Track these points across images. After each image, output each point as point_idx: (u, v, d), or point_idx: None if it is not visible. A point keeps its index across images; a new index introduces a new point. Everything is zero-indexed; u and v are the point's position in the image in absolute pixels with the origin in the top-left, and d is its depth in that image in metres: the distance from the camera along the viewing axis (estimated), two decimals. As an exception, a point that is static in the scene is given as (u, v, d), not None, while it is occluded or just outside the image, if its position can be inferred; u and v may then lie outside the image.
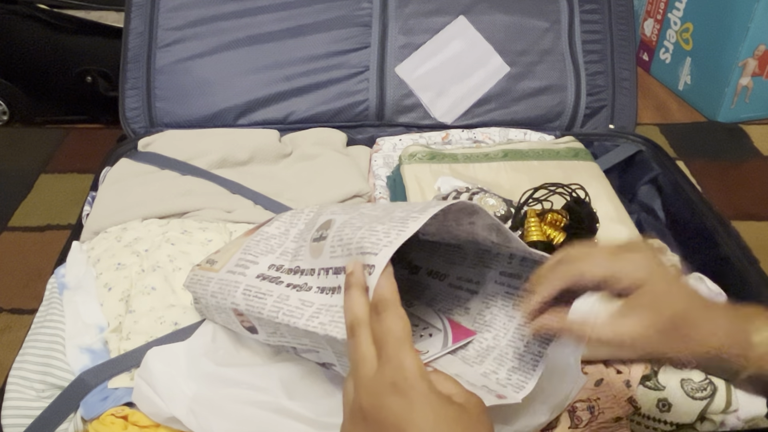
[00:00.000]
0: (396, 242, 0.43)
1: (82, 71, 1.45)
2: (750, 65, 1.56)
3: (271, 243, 0.59)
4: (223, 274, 0.59)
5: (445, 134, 1.02)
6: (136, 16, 1.04)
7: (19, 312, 1.10)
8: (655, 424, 0.64)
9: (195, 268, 0.65)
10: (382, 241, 0.44)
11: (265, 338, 0.56)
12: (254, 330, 0.56)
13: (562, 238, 0.75)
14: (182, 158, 0.93)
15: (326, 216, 0.54)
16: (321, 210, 0.58)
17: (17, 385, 0.64)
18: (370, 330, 0.42)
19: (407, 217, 0.45)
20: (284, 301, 0.51)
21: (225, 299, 0.57)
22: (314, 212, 0.59)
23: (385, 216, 0.47)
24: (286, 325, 0.50)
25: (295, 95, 1.04)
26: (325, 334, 0.46)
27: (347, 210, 0.53)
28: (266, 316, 0.52)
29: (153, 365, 0.60)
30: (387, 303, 0.42)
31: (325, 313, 0.47)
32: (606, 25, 1.09)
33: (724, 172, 1.45)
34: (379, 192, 0.92)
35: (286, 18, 1.05)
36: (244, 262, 0.58)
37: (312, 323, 0.47)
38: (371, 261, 0.43)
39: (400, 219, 0.45)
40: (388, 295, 0.42)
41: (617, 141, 1.06)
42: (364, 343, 0.42)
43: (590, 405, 0.61)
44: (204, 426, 0.56)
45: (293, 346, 0.54)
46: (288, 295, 0.51)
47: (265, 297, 0.53)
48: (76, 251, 0.78)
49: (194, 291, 0.62)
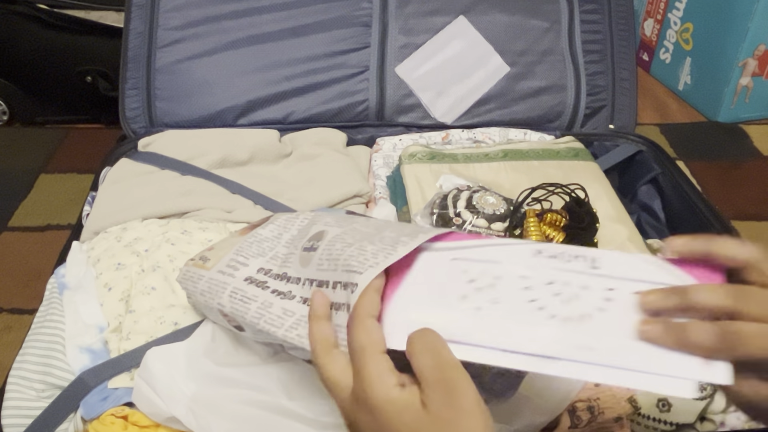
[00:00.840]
0: (382, 264, 0.43)
1: (82, 71, 1.45)
2: (750, 65, 1.56)
3: (263, 246, 0.59)
4: (214, 273, 0.59)
5: (445, 134, 1.02)
6: (136, 16, 1.04)
7: (19, 312, 1.09)
8: (655, 424, 0.64)
9: (188, 263, 0.64)
10: (369, 261, 0.44)
11: (252, 336, 0.57)
12: (241, 329, 0.57)
13: (562, 238, 0.75)
14: (182, 158, 0.93)
15: (320, 226, 0.54)
16: (315, 218, 0.58)
17: (17, 385, 0.64)
18: (331, 356, 0.42)
19: (397, 241, 0.45)
20: (267, 309, 0.51)
21: (212, 299, 0.57)
22: (308, 219, 0.59)
23: (375, 235, 0.47)
24: (267, 332, 0.50)
25: (295, 95, 1.04)
26: (302, 347, 0.46)
27: (341, 223, 0.53)
28: (248, 321, 0.52)
29: (152, 365, 0.60)
30: (358, 317, 0.42)
31: (304, 325, 0.47)
32: (606, 25, 1.09)
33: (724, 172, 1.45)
34: (379, 192, 0.92)
35: (286, 18, 1.05)
36: (234, 263, 0.58)
37: (290, 334, 0.48)
38: (355, 279, 0.44)
39: (390, 240, 0.46)
40: (360, 311, 0.42)
41: (617, 141, 1.06)
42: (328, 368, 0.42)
43: (590, 405, 0.61)
44: (203, 426, 0.56)
45: (279, 344, 0.55)
46: (272, 302, 0.51)
47: (250, 302, 0.53)
48: (76, 251, 0.78)
49: (185, 287, 0.62)
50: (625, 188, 1.01)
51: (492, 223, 0.74)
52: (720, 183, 1.41)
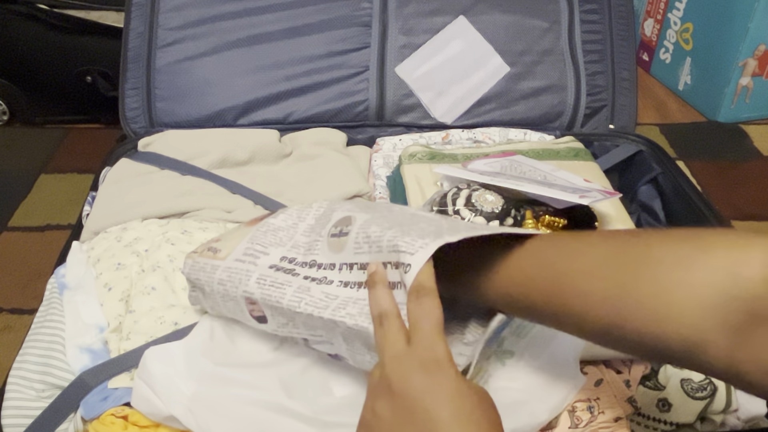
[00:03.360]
0: (432, 246, 0.45)
1: (82, 71, 1.45)
2: (750, 65, 1.56)
3: (279, 235, 0.59)
4: (231, 262, 0.58)
5: (445, 134, 1.02)
6: (136, 16, 1.04)
7: (19, 312, 1.09)
8: (655, 424, 0.64)
9: (193, 255, 0.64)
10: (417, 242, 0.46)
11: (274, 328, 0.57)
12: (264, 320, 0.56)
13: (562, 238, 0.75)
14: (182, 158, 0.93)
15: (342, 212, 0.55)
16: (332, 206, 0.58)
17: (17, 385, 0.64)
18: (398, 321, 0.44)
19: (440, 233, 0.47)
20: (306, 292, 0.51)
21: (236, 287, 0.57)
22: (324, 207, 0.59)
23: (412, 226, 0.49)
24: (309, 315, 0.50)
25: (295, 95, 1.04)
26: (354, 324, 0.47)
27: (363, 209, 0.54)
28: (286, 306, 0.52)
29: (151, 365, 0.60)
30: (427, 289, 0.44)
31: (352, 305, 0.48)
32: (606, 25, 1.09)
33: (724, 172, 1.45)
34: (379, 192, 0.92)
35: (286, 18, 1.05)
36: (252, 251, 0.58)
37: (339, 313, 0.49)
38: (407, 260, 0.45)
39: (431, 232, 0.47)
40: (428, 284, 0.44)
41: (617, 141, 1.05)
42: (393, 330, 0.44)
43: (590, 405, 0.61)
44: (203, 425, 0.56)
45: (305, 337, 0.54)
46: (308, 287, 0.52)
47: (284, 287, 0.53)
48: (76, 251, 0.78)
49: (197, 278, 0.62)
50: (625, 188, 1.00)
51: (490, 222, 0.74)
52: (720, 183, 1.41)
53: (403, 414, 0.41)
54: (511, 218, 0.76)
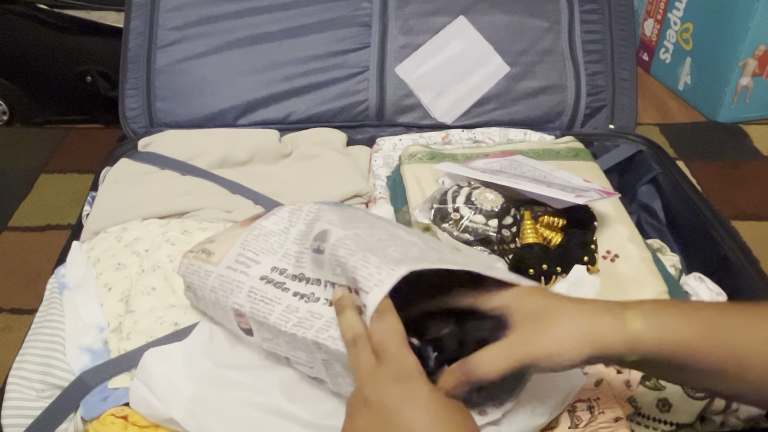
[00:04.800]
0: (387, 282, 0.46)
1: (82, 71, 1.45)
2: (750, 65, 1.56)
3: (271, 241, 0.58)
4: (223, 269, 0.58)
5: (445, 134, 1.02)
6: (136, 16, 1.04)
7: (19, 312, 1.10)
8: (655, 424, 0.64)
9: (188, 255, 0.64)
10: (374, 278, 0.46)
11: (259, 342, 0.56)
12: (250, 332, 0.56)
13: (559, 238, 0.75)
14: (182, 158, 0.93)
15: (323, 224, 0.54)
16: (319, 213, 0.58)
17: (17, 385, 0.64)
18: (369, 341, 0.46)
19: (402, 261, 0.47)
20: (293, 313, 0.52)
21: (227, 298, 0.57)
22: (313, 213, 0.59)
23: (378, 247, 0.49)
24: (293, 335, 0.50)
25: (295, 95, 1.04)
26: (336, 348, 0.48)
27: (344, 223, 0.53)
28: (272, 323, 0.52)
29: (150, 366, 0.60)
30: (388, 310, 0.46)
31: (335, 328, 0.49)
32: (606, 25, 1.09)
33: (724, 172, 1.45)
34: (379, 192, 0.92)
35: (286, 18, 1.05)
36: (244, 259, 0.58)
37: (322, 335, 0.49)
38: (363, 298, 0.46)
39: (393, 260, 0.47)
40: (385, 303, 0.46)
41: (617, 141, 1.05)
42: (366, 350, 0.46)
43: (590, 405, 0.61)
44: (202, 428, 0.56)
45: (287, 356, 0.54)
46: (297, 306, 0.52)
47: (273, 304, 0.53)
48: (76, 251, 0.78)
49: (191, 282, 0.62)
50: (625, 188, 1.00)
51: (489, 220, 0.74)
52: (720, 183, 1.41)
53: (382, 427, 0.42)
54: (510, 217, 0.76)
